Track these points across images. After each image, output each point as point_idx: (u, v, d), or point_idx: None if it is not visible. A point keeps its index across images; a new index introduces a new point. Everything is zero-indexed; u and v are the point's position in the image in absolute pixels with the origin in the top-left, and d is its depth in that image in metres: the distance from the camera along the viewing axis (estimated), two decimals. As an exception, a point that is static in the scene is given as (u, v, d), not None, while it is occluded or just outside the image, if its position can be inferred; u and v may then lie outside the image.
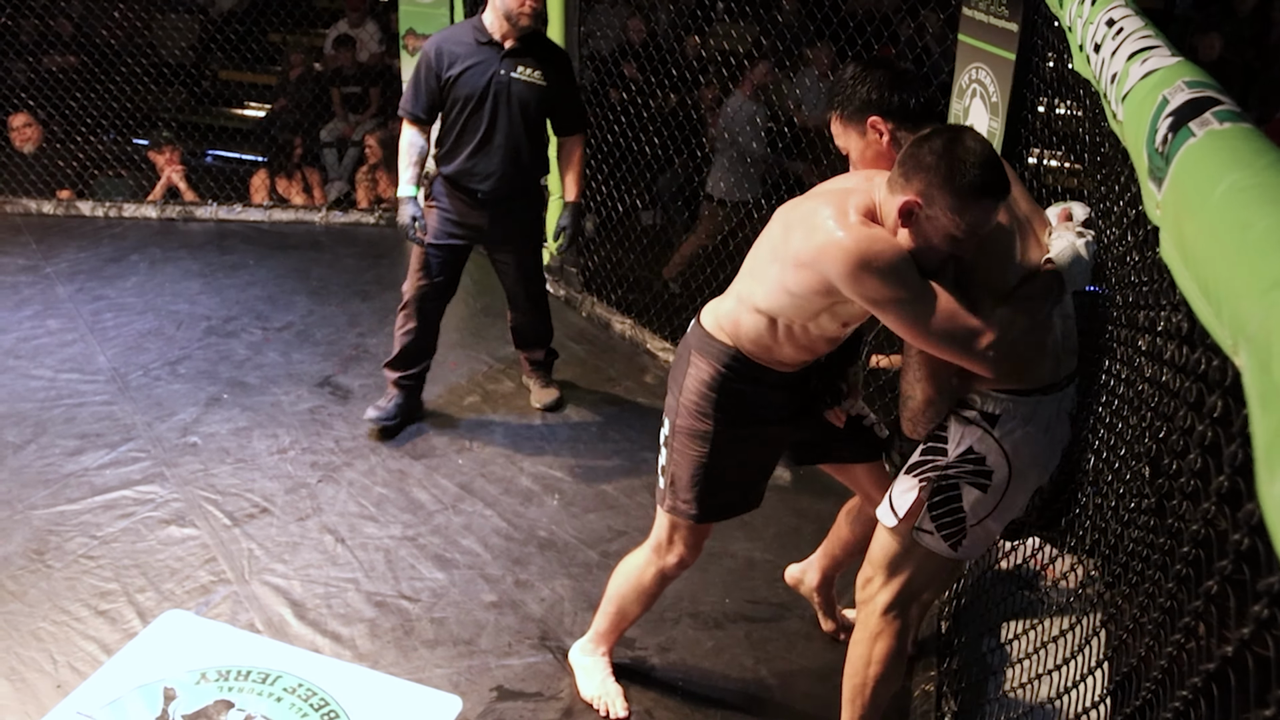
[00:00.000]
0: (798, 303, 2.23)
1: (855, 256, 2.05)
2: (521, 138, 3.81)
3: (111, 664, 2.88)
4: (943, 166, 1.99)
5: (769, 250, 2.29)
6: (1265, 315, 0.79)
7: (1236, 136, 1.07)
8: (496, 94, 3.74)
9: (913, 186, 2.03)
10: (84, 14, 7.10)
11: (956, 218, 2.00)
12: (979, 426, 2.24)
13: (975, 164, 1.98)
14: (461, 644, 3.06)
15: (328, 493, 3.74)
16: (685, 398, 2.47)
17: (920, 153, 2.04)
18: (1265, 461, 0.74)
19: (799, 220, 2.20)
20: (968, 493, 2.26)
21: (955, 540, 2.31)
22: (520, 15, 3.64)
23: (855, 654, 2.48)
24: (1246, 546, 0.97)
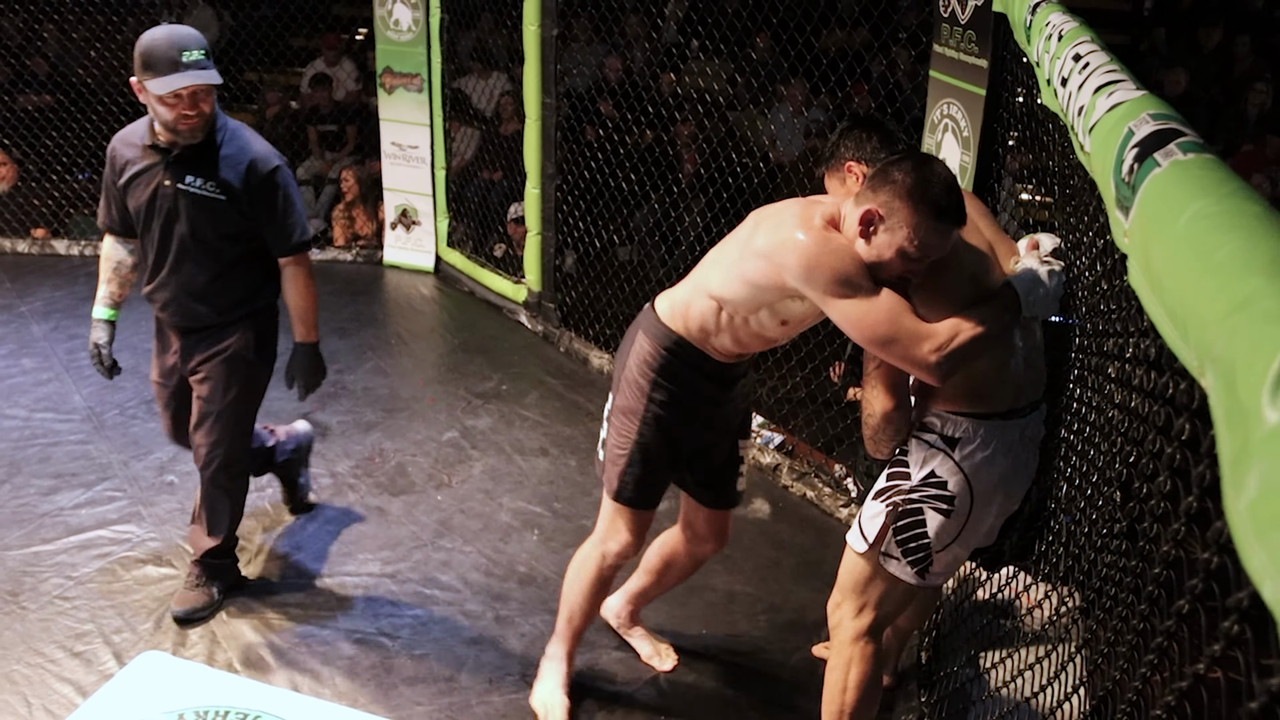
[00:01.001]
0: (748, 292, 2.37)
1: (811, 252, 2.19)
2: (198, 261, 3.05)
3: (87, 706, 2.85)
4: (909, 181, 2.11)
5: (735, 244, 2.43)
6: (1229, 337, 0.82)
7: (1200, 166, 1.11)
8: (164, 208, 3.01)
9: (878, 197, 2.14)
10: (59, 53, 7.10)
11: (912, 233, 2.10)
12: (939, 450, 2.29)
13: (940, 186, 2.10)
14: (442, 681, 3.04)
15: (306, 530, 3.72)
16: (628, 374, 2.62)
17: (890, 167, 2.16)
18: (1231, 479, 0.76)
19: (767, 219, 2.35)
20: (931, 517, 2.30)
21: (922, 567, 2.34)
22: (180, 123, 2.88)
23: (830, 680, 2.50)
24: (1216, 565, 0.99)
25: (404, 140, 6.21)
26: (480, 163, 6.49)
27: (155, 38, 2.83)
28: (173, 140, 2.95)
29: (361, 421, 4.52)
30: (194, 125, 2.90)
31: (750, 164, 5.11)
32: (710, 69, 5.95)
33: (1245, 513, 0.72)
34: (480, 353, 5.32)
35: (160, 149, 2.98)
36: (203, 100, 2.89)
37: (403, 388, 4.89)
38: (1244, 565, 0.72)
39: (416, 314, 5.91)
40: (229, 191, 2.99)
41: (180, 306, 3.11)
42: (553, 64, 5.07)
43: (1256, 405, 0.72)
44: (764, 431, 4.47)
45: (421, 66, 6.02)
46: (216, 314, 3.14)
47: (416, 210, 6.35)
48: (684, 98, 6.04)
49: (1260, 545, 0.68)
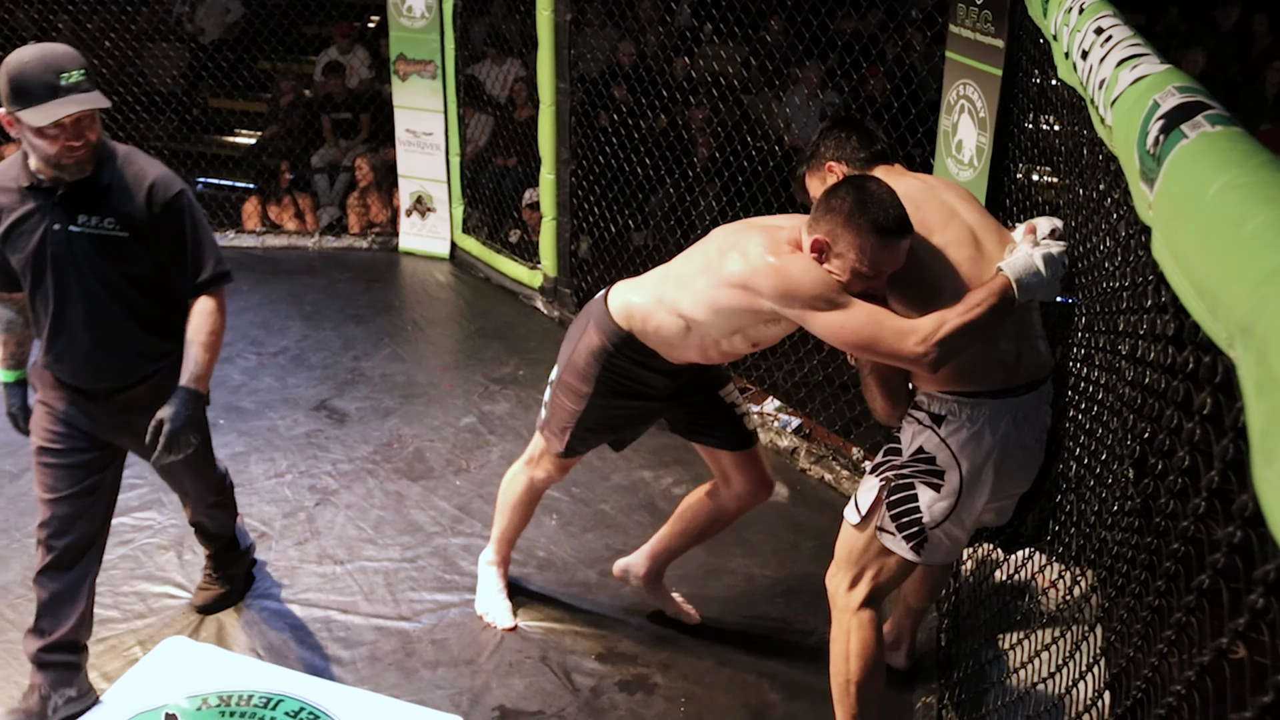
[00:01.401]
0: (720, 320, 2.49)
1: (784, 275, 2.29)
2: (108, 309, 2.62)
3: (113, 691, 2.88)
4: (844, 208, 2.22)
5: (701, 264, 2.52)
6: (1261, 307, 0.81)
7: (1228, 139, 1.10)
8: (57, 255, 2.55)
9: (821, 227, 2.27)
10: (74, 44, 7.12)
11: (859, 254, 2.21)
12: (927, 427, 2.35)
13: (875, 205, 2.19)
14: (462, 664, 3.06)
15: (326, 516, 3.74)
16: (574, 358, 2.77)
17: (829, 198, 2.27)
18: (1261, 448, 0.76)
19: (733, 246, 2.43)
20: (923, 493, 2.36)
21: (917, 542, 2.38)
22: (64, 156, 2.45)
23: (834, 653, 2.56)
24: (1239, 539, 0.98)
25: (418, 127, 6.22)
26: (494, 149, 6.49)
27: (24, 61, 2.40)
28: (56, 177, 2.51)
29: (379, 408, 4.54)
30: (80, 157, 2.47)
31: (765, 148, 5.09)
32: (724, 52, 5.93)
33: (1276, 480, 0.71)
34: (496, 338, 5.33)
35: (43, 189, 2.53)
36: (88, 128, 2.47)
37: (420, 374, 4.90)
38: (1274, 533, 0.72)
39: (432, 300, 5.92)
40: (131, 225, 2.56)
41: (97, 367, 2.67)
42: (566, 49, 5.06)
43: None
44: (781, 415, 4.47)
45: (435, 53, 6.01)
46: (145, 362, 2.71)
47: (431, 197, 6.35)
48: (698, 81, 6.02)
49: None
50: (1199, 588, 1.11)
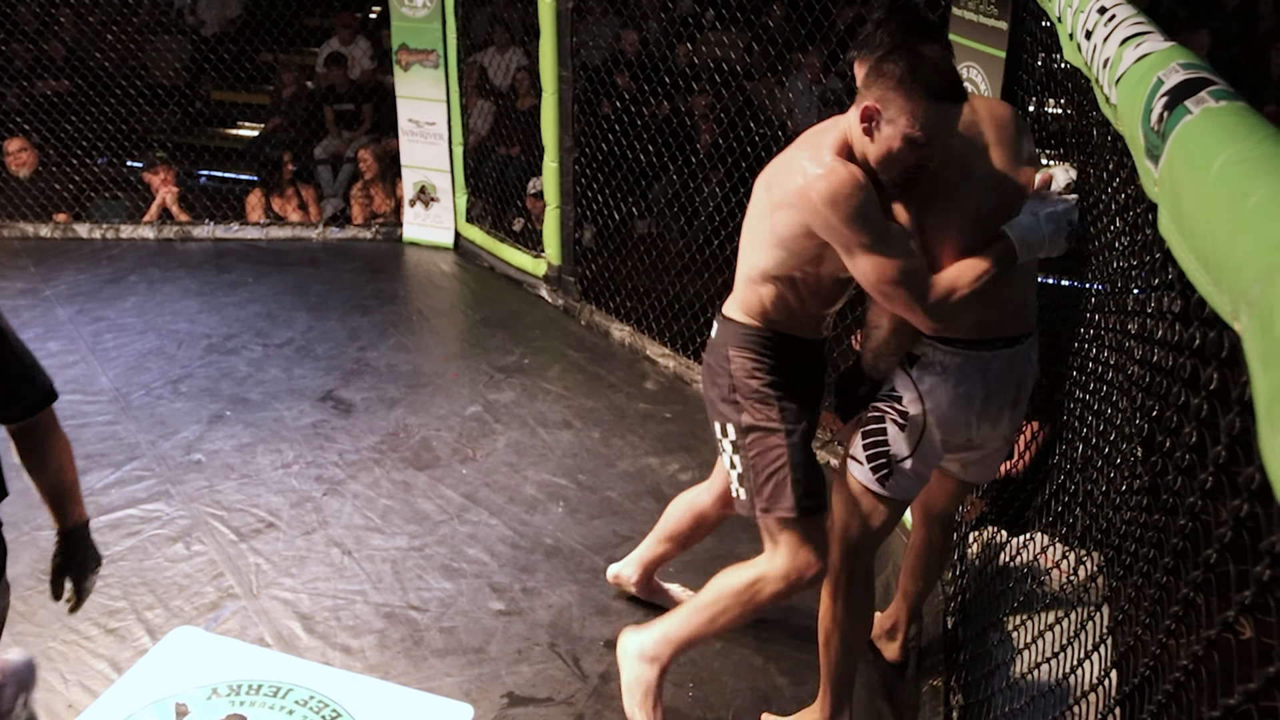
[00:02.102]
0: (794, 250, 2.32)
1: (826, 196, 2.16)
2: None
3: (122, 682, 2.89)
4: (897, 70, 2.10)
5: (756, 214, 2.40)
6: (1266, 278, 0.81)
7: (1232, 114, 1.10)
8: None
9: (872, 93, 2.15)
10: (76, 38, 7.13)
11: (911, 119, 2.10)
12: (901, 368, 2.40)
13: (928, 67, 2.09)
14: (471, 652, 3.07)
15: (333, 506, 3.75)
16: (742, 392, 2.46)
17: (880, 63, 2.15)
18: (1268, 417, 0.76)
19: (778, 172, 2.32)
20: (890, 427, 2.40)
21: (883, 475, 2.42)
22: None
23: (821, 613, 2.61)
24: (1245, 512, 0.98)
25: (421, 117, 6.21)
26: (497, 138, 6.49)
27: None
28: None
29: (385, 397, 4.54)
30: None
31: (768, 134, 5.08)
32: (726, 39, 5.91)
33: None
34: (501, 327, 5.33)
35: None
36: None
37: (425, 363, 4.91)
38: (1279, 501, 0.72)
39: (437, 290, 5.92)
40: None
41: None
42: (568, 37, 5.05)
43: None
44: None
45: (437, 42, 6.01)
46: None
47: (435, 187, 6.35)
48: (700, 68, 6.00)
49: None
50: (1206, 562, 1.11)
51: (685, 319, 4.94)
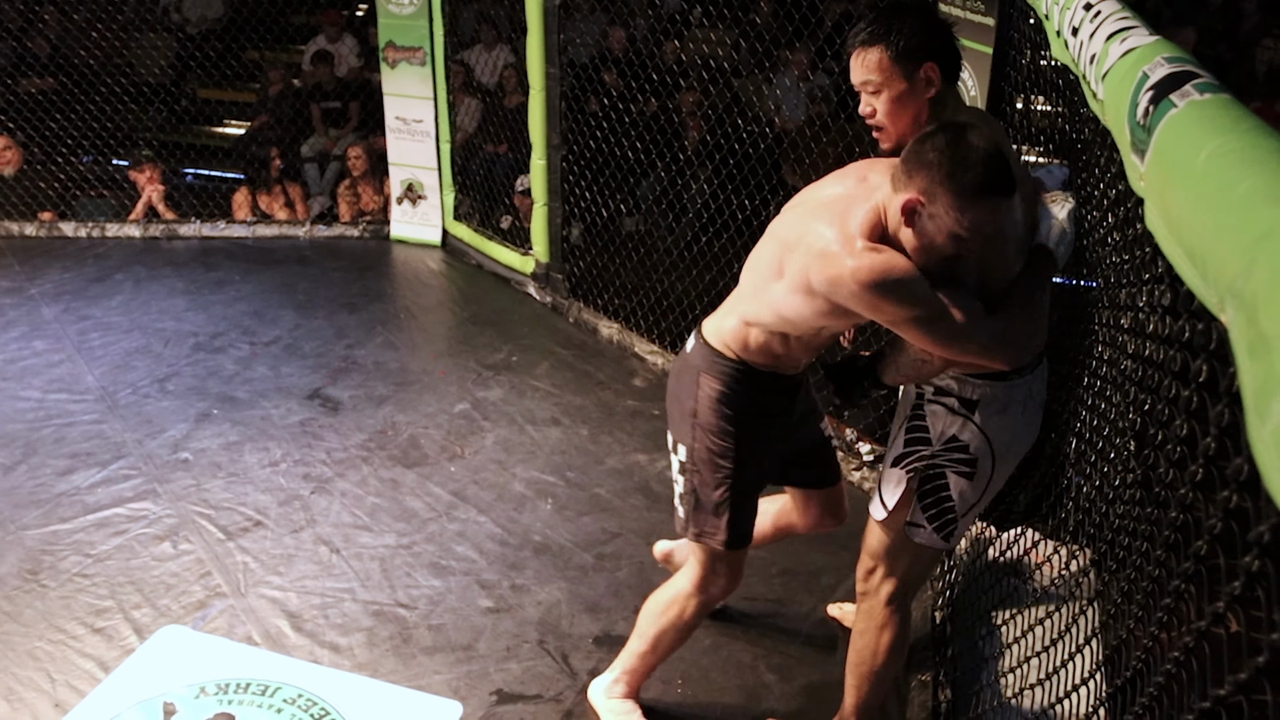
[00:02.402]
0: (809, 318, 2.21)
1: (868, 285, 2.01)
2: None
3: (110, 681, 2.87)
4: (945, 164, 1.93)
5: (769, 269, 2.24)
6: (1250, 268, 0.82)
7: (1217, 106, 1.10)
8: None
9: (915, 184, 1.98)
10: (61, 35, 7.09)
11: (959, 215, 1.94)
12: (960, 415, 2.26)
13: (978, 162, 1.92)
14: (460, 649, 3.06)
15: (321, 504, 3.74)
16: (701, 420, 2.42)
17: (923, 150, 1.98)
18: (1255, 407, 0.76)
19: (800, 242, 2.14)
20: (955, 481, 2.28)
21: (947, 532, 2.33)
22: None
23: (861, 644, 2.51)
24: (1235, 504, 0.99)
25: (408, 114, 6.20)
26: (484, 136, 6.47)
27: None
28: None
29: (373, 395, 4.53)
30: None
31: (755, 130, 5.09)
32: (714, 36, 5.91)
33: (1270, 439, 0.72)
34: (489, 325, 5.33)
35: None
36: None
37: (413, 361, 4.90)
38: (1269, 490, 0.72)
39: (425, 288, 5.91)
40: None
41: None
42: (555, 34, 5.04)
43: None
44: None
45: (424, 40, 5.99)
46: None
47: (422, 184, 6.34)
48: (688, 65, 6.01)
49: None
50: (1196, 554, 1.11)
51: (673, 316, 4.94)
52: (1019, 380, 2.25)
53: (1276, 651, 0.86)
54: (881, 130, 2.26)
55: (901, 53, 2.16)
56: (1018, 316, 2.09)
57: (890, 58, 2.17)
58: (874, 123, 2.25)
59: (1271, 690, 0.91)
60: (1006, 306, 2.09)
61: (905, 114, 2.21)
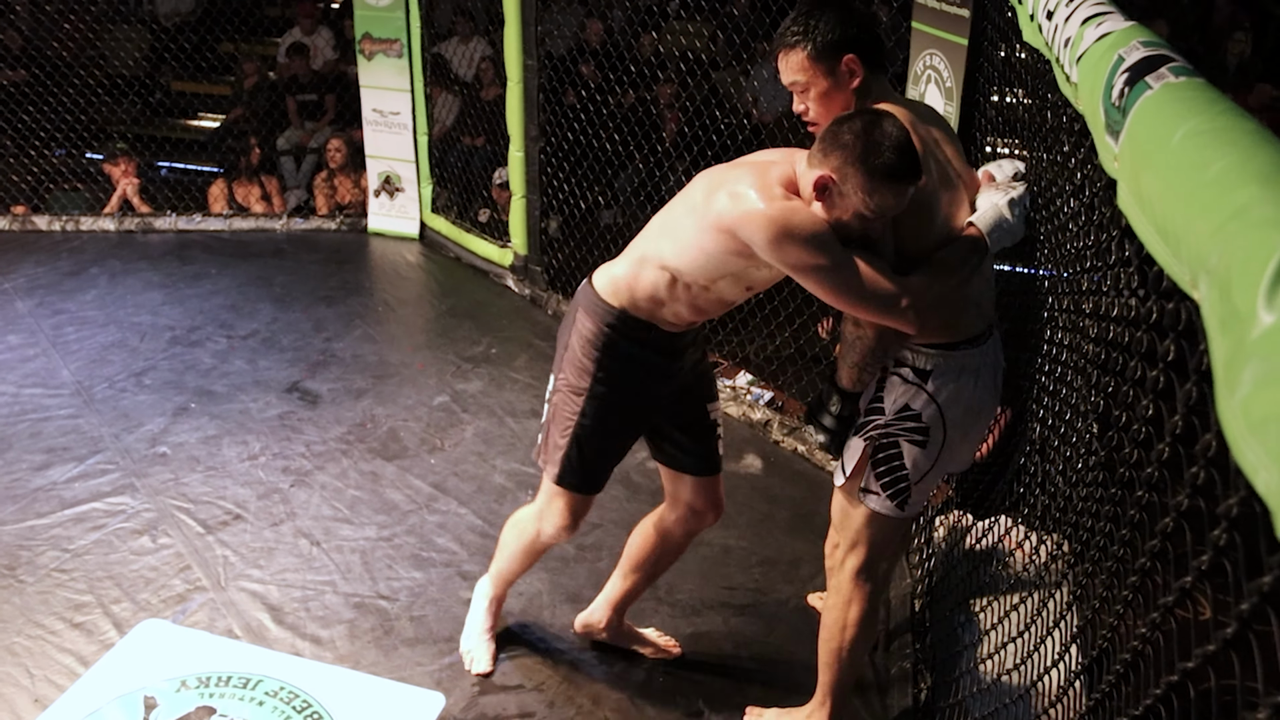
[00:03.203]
0: (709, 262, 2.30)
1: (777, 225, 2.13)
2: None
3: (89, 675, 2.86)
4: (858, 146, 2.06)
5: (685, 209, 2.33)
6: (1225, 245, 0.84)
7: (1192, 88, 1.13)
8: None
9: (829, 163, 2.11)
10: (33, 26, 7.02)
11: (866, 197, 2.08)
12: (912, 384, 2.33)
13: (890, 148, 2.05)
14: (442, 641, 3.07)
15: (300, 497, 3.74)
16: (570, 354, 2.52)
17: (840, 131, 2.11)
18: (1225, 379, 0.78)
19: (721, 185, 2.25)
20: (908, 450, 2.35)
21: (901, 499, 2.39)
22: None
23: (829, 620, 2.55)
24: (1203, 480, 1.01)
25: (385, 107, 6.18)
26: (461, 129, 6.46)
27: None
28: None
29: (351, 388, 4.52)
30: None
31: (733, 123, 5.10)
32: (691, 28, 5.92)
33: (1239, 410, 0.74)
34: (468, 317, 5.32)
35: None
36: None
37: (392, 354, 4.89)
38: (1238, 461, 0.74)
39: (403, 280, 5.90)
40: None
41: None
42: (533, 26, 5.04)
43: (1252, 308, 0.74)
44: (754, 389, 4.49)
45: (401, 31, 5.97)
46: None
47: (400, 177, 6.32)
48: (665, 58, 6.01)
49: (1254, 439, 0.70)
50: (1163, 531, 1.13)
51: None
52: (972, 350, 2.32)
53: (1244, 623, 0.88)
54: (816, 126, 2.34)
55: (820, 49, 2.26)
56: (929, 283, 2.17)
57: (809, 56, 2.27)
58: (809, 119, 2.36)
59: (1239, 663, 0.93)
60: (918, 273, 2.18)
61: (835, 107, 2.31)
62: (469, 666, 2.95)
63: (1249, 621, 0.87)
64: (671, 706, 2.86)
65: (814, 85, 2.29)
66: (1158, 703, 1.12)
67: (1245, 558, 0.91)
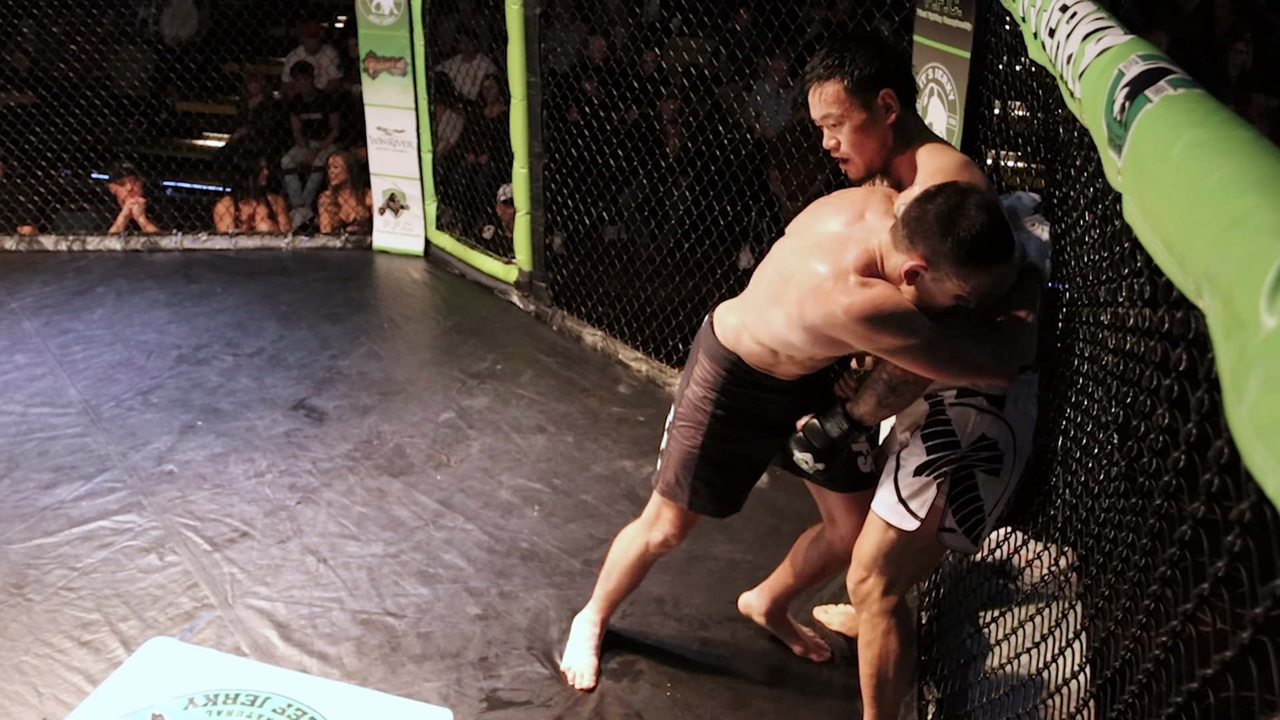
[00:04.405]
0: (800, 348, 2.29)
1: (861, 319, 2.08)
2: None
3: (97, 694, 2.86)
4: (948, 236, 1.99)
5: (769, 292, 2.30)
6: (1225, 253, 0.85)
7: (1191, 100, 1.14)
8: None
9: (917, 250, 2.04)
10: (40, 48, 7.07)
11: (961, 282, 2.02)
12: (989, 413, 2.27)
13: (982, 235, 1.98)
14: (449, 657, 3.07)
15: (307, 514, 3.74)
16: (690, 390, 2.56)
17: (925, 214, 2.03)
18: (1232, 385, 0.79)
19: (795, 276, 2.21)
20: (983, 480, 2.28)
21: (976, 534, 2.32)
22: None
23: (871, 655, 2.49)
24: (1217, 487, 1.01)
25: (389, 125, 6.20)
26: (465, 146, 6.49)
27: None
28: None
29: (358, 405, 4.53)
30: None
31: (736, 138, 5.12)
32: (693, 44, 5.95)
33: (1246, 415, 0.74)
34: (473, 334, 5.33)
35: None
36: None
37: (397, 370, 4.90)
38: (1247, 466, 0.74)
39: (408, 297, 5.92)
40: None
41: None
42: (536, 43, 5.06)
43: (1254, 313, 0.75)
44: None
45: (405, 50, 6.00)
46: None
47: (404, 194, 6.34)
48: (668, 74, 6.04)
49: (1262, 443, 0.70)
50: (1181, 539, 1.14)
51: (657, 323, 4.96)
52: (1032, 375, 2.31)
53: (1259, 628, 0.88)
54: (848, 162, 2.30)
55: (858, 82, 2.20)
56: (1013, 332, 2.14)
57: (847, 89, 2.21)
58: (839, 155, 2.30)
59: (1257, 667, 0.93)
60: (1002, 325, 2.15)
61: (869, 143, 2.26)
62: (573, 682, 2.97)
63: (1264, 627, 0.87)
64: (681, 718, 2.86)
65: (849, 119, 2.24)
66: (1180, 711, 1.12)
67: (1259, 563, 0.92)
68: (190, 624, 3.17)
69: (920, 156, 2.24)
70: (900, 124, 2.25)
